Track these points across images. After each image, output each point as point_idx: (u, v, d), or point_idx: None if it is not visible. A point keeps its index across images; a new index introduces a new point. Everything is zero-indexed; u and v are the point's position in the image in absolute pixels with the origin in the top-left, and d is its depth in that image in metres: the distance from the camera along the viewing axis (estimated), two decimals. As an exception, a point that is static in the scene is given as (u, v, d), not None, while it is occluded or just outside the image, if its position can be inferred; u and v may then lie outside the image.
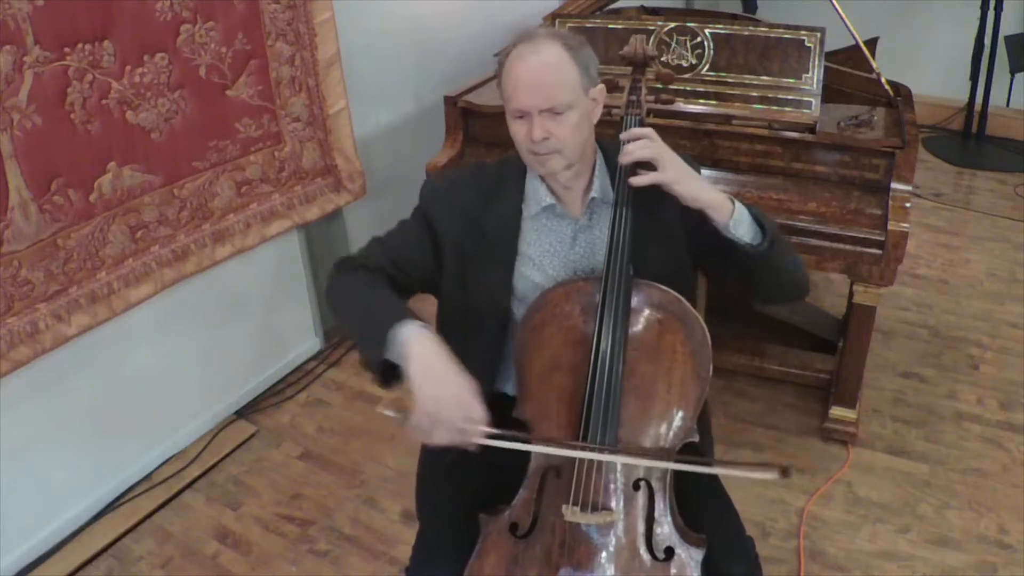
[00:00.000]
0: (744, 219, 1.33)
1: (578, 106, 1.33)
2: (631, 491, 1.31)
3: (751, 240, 1.33)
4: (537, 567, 1.30)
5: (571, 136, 1.34)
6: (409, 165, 2.80)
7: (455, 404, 1.19)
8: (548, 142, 1.33)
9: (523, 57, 1.32)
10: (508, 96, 1.35)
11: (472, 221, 1.44)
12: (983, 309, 3.00)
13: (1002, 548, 2.04)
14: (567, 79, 1.32)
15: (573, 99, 1.32)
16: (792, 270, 1.41)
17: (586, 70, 1.35)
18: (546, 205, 1.43)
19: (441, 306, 1.53)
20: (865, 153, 2.15)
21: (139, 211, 2.11)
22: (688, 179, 1.32)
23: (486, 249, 1.43)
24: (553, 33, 1.37)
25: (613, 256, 1.34)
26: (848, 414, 2.38)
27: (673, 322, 1.35)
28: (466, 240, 1.43)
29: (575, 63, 1.33)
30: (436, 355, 1.22)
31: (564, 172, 1.39)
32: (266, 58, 2.31)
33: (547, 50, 1.32)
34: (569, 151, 1.36)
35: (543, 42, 1.33)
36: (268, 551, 2.14)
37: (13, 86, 1.77)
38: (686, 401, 1.34)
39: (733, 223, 1.32)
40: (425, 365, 1.21)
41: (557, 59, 1.32)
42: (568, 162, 1.37)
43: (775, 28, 2.27)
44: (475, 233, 1.43)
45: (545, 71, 1.31)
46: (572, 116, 1.33)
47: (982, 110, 4.26)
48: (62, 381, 2.09)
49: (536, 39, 1.34)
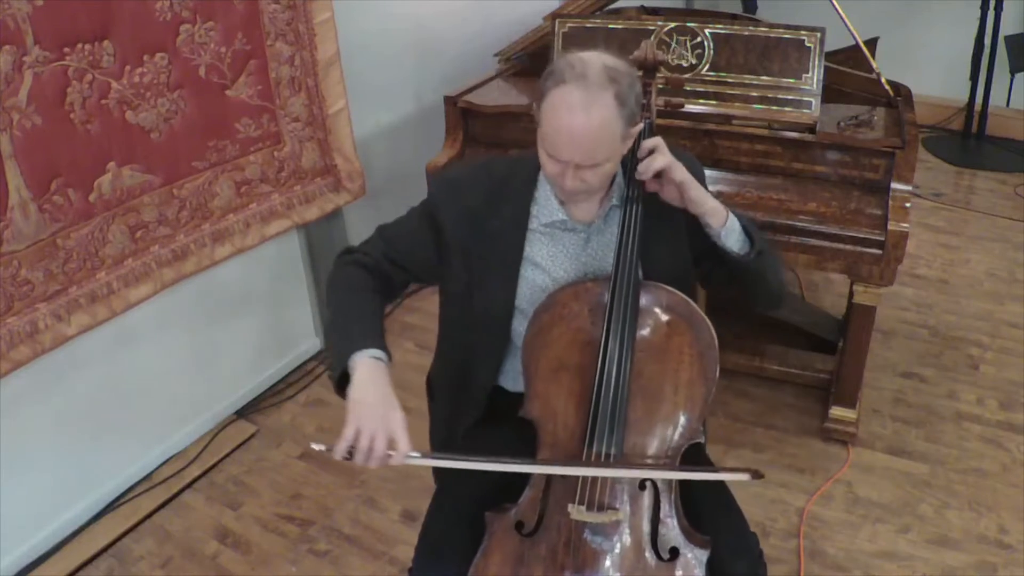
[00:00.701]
0: (735, 229, 1.38)
1: (615, 156, 1.32)
2: (637, 491, 1.32)
3: (738, 250, 1.38)
4: (542, 566, 1.30)
5: (602, 181, 1.35)
6: (409, 165, 2.80)
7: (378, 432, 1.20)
8: (578, 187, 1.33)
9: (571, 109, 1.24)
10: (547, 138, 1.30)
11: (478, 223, 1.44)
12: (983, 309, 3.01)
13: (1002, 548, 2.04)
14: (612, 137, 1.28)
15: (612, 153, 1.31)
16: (772, 282, 1.45)
17: (631, 117, 1.29)
18: (557, 220, 1.43)
19: (444, 302, 1.55)
20: (865, 153, 2.15)
21: (139, 211, 2.11)
22: (693, 183, 1.36)
23: (491, 251, 1.44)
24: (607, 77, 1.25)
25: (622, 257, 1.35)
26: (848, 414, 2.38)
27: (681, 324, 1.35)
28: (472, 242, 1.44)
29: (622, 117, 1.27)
30: (375, 385, 1.25)
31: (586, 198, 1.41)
32: (266, 58, 2.31)
33: (599, 108, 1.24)
34: (596, 190, 1.38)
35: (596, 94, 1.24)
36: (268, 551, 2.14)
37: (13, 86, 1.76)
38: (693, 402, 1.35)
39: (725, 232, 1.36)
40: (361, 392, 1.24)
41: (606, 117, 1.25)
42: (591, 194, 1.39)
43: (775, 28, 2.27)
44: (480, 235, 1.44)
45: (592, 130, 1.25)
46: (608, 167, 1.32)
47: (982, 110, 4.26)
48: (62, 381, 2.09)
49: (588, 85, 1.24)
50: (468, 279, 1.45)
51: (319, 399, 2.70)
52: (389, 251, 1.46)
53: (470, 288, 1.45)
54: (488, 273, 1.45)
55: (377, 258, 1.45)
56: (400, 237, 1.48)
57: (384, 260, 1.45)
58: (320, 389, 2.74)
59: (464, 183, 1.48)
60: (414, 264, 1.47)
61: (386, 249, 1.46)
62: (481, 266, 1.44)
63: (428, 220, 1.46)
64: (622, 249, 1.35)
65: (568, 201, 1.42)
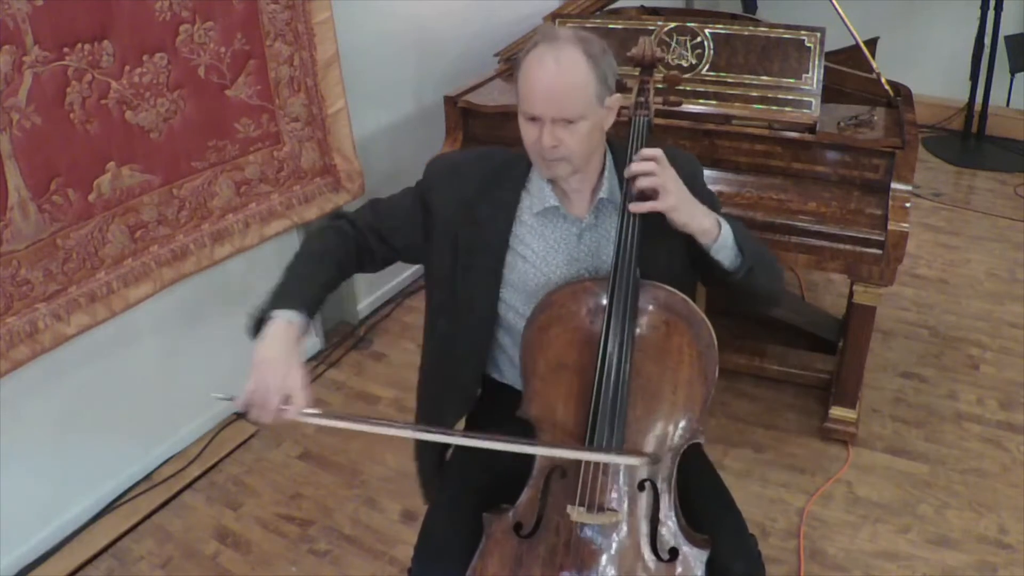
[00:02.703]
0: (727, 245, 1.38)
1: (591, 116, 1.33)
2: (635, 491, 1.32)
3: (729, 265, 1.38)
4: (541, 567, 1.30)
5: (580, 145, 1.35)
6: (409, 165, 2.78)
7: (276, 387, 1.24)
8: (557, 149, 1.33)
9: (542, 62, 1.30)
10: (522, 97, 1.34)
11: (467, 208, 1.45)
12: (983, 309, 3.00)
13: (1002, 548, 2.04)
14: (584, 90, 1.31)
15: (587, 110, 1.32)
16: (764, 294, 1.46)
17: (604, 80, 1.33)
18: (549, 206, 1.43)
19: (429, 286, 1.56)
20: (865, 153, 2.15)
21: (138, 211, 2.11)
22: (683, 206, 1.34)
23: (478, 237, 1.45)
24: (576, 37, 1.33)
25: (621, 257, 1.34)
26: (848, 414, 2.38)
27: (680, 323, 1.35)
28: (460, 227, 1.45)
29: (594, 73, 1.31)
30: (279, 342, 1.28)
31: (570, 177, 1.40)
32: (265, 58, 2.31)
33: (567, 57, 1.30)
34: (577, 159, 1.36)
35: (565, 47, 1.30)
36: (268, 551, 2.14)
37: (12, 86, 1.76)
38: (692, 402, 1.34)
39: (716, 248, 1.37)
40: (266, 347, 1.28)
41: (576, 68, 1.30)
42: (574, 168, 1.38)
43: (775, 28, 2.27)
44: (469, 220, 1.45)
45: (563, 80, 1.29)
46: (584, 126, 1.33)
47: (982, 110, 4.26)
48: (62, 381, 2.09)
49: (558, 42, 1.31)
50: (453, 263, 1.46)
51: (318, 399, 2.70)
52: (376, 224, 1.49)
53: (454, 273, 1.46)
54: (473, 258, 1.45)
55: (363, 229, 1.48)
56: (391, 213, 1.50)
57: (370, 232, 1.48)
58: (320, 389, 2.74)
59: (460, 168, 1.51)
60: (399, 241, 1.50)
61: (374, 221, 1.49)
62: (467, 251, 1.45)
63: (420, 201, 1.49)
64: (621, 248, 1.35)
65: (554, 178, 1.42)
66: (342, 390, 2.74)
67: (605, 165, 1.45)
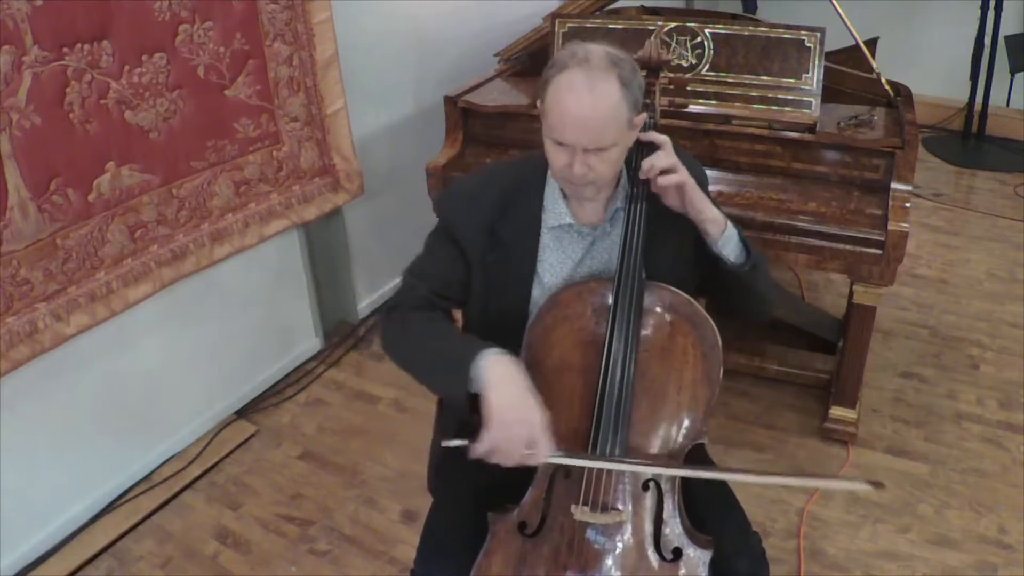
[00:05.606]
0: (733, 238, 1.38)
1: (622, 142, 1.32)
2: (640, 492, 1.32)
3: (735, 259, 1.38)
4: (545, 567, 1.30)
5: (610, 170, 1.34)
6: (409, 165, 2.80)
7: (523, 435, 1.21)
8: (586, 175, 1.32)
9: (574, 90, 1.25)
10: (552, 124, 1.30)
11: (490, 231, 1.43)
12: (983, 309, 3.01)
13: (1002, 548, 2.04)
14: (617, 120, 1.28)
15: (619, 137, 1.30)
16: (761, 295, 1.47)
17: (635, 104, 1.30)
18: (564, 224, 1.43)
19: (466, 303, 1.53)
20: (865, 153, 2.15)
21: (138, 211, 2.11)
22: (695, 186, 1.36)
23: (505, 257, 1.43)
24: (609, 61, 1.27)
25: (626, 257, 1.34)
26: (848, 414, 2.38)
27: (685, 324, 1.35)
28: (486, 251, 1.43)
29: (626, 100, 1.27)
30: (514, 384, 1.24)
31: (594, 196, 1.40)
32: (264, 58, 2.31)
33: (603, 89, 1.25)
34: (604, 182, 1.36)
35: (598, 74, 1.25)
36: (268, 551, 2.13)
37: (12, 86, 1.76)
38: (696, 403, 1.35)
39: (723, 240, 1.37)
40: (501, 394, 1.23)
41: (610, 98, 1.26)
42: (599, 189, 1.38)
43: (775, 28, 2.27)
44: (493, 243, 1.43)
45: (598, 112, 1.25)
46: (615, 152, 1.31)
47: (982, 110, 4.26)
48: (62, 381, 2.08)
49: (593, 70, 1.25)
50: (485, 289, 1.45)
51: (319, 399, 2.70)
52: (432, 287, 1.43)
53: (487, 296, 1.45)
54: (504, 280, 1.44)
55: (426, 296, 1.42)
56: (433, 270, 1.46)
57: (433, 296, 1.43)
58: (320, 389, 2.74)
59: (474, 193, 1.47)
60: (457, 290, 1.46)
61: (428, 287, 1.44)
62: (497, 275, 1.44)
63: (448, 240, 1.45)
64: (626, 249, 1.35)
65: (575, 196, 1.41)
66: (342, 390, 2.74)
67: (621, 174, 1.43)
